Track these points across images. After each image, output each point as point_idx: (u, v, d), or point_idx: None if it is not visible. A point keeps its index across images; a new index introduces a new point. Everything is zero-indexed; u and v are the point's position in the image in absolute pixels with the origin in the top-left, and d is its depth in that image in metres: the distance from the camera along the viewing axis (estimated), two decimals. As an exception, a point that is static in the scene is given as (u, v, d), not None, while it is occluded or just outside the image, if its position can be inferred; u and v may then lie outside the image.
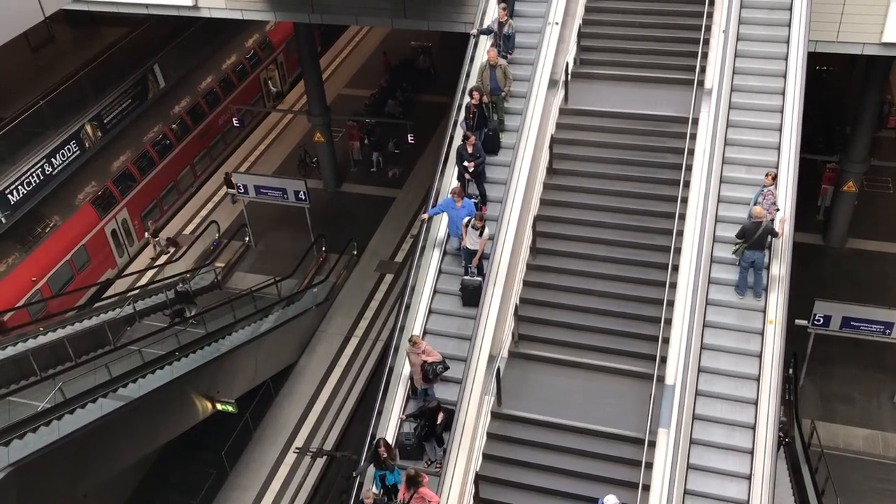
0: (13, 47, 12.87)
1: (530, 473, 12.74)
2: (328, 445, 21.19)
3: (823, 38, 17.85)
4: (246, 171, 29.82)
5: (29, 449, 15.60)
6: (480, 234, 13.81)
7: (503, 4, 16.22)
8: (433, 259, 14.88)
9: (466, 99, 15.12)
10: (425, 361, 12.91)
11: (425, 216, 14.93)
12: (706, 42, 16.12)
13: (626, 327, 13.88)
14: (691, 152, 14.73)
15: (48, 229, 24.48)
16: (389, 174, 29.86)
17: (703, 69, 15.79)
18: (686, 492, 12.01)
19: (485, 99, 15.12)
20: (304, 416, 22.07)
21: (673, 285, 13.42)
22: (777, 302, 13.26)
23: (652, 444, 12.05)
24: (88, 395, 17.33)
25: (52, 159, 24.41)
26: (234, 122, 30.08)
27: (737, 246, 13.44)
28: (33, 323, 22.15)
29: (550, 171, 15.55)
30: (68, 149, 25.01)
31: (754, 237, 13.10)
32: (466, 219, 13.98)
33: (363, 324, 24.61)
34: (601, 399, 13.13)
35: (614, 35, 17.20)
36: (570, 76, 16.23)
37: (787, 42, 15.88)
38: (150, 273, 26.67)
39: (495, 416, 13.22)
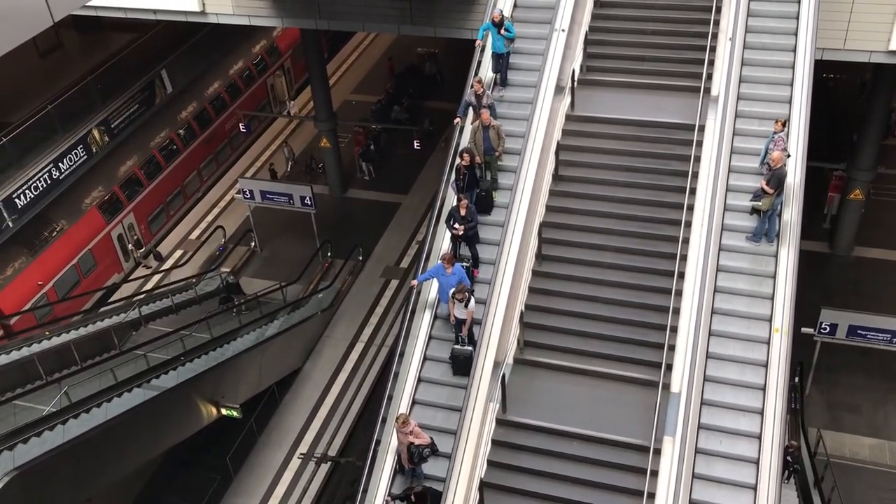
0: (21, 52, 12.92)
1: (535, 481, 12.68)
2: (332, 451, 21.18)
3: (830, 45, 17.84)
4: (252, 177, 29.90)
5: (34, 453, 15.63)
6: (466, 306, 13.23)
7: (478, 77, 15.71)
8: (423, 323, 14.18)
9: (457, 160, 14.64)
10: (412, 443, 12.25)
11: (414, 283, 14.30)
12: (713, 49, 16.10)
13: (632, 334, 13.82)
14: (698, 159, 14.71)
15: (55, 233, 24.56)
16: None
17: (709, 76, 15.77)
18: (691, 501, 11.96)
19: (477, 159, 14.68)
20: (308, 421, 22.07)
21: (679, 292, 13.38)
22: (783, 310, 13.20)
23: (657, 452, 12.01)
24: (94, 399, 17.36)
25: (60, 164, 24.51)
26: (241, 127, 30.19)
27: (767, 197, 13.43)
28: (39, 327, 22.21)
29: (556, 177, 15.54)
30: (75, 153, 25.11)
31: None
32: (453, 290, 13.30)
33: (368, 329, 24.62)
34: (607, 406, 13.08)
35: (621, 42, 17.19)
36: (576, 83, 16.23)
37: (794, 50, 15.83)
38: (156, 277, 26.79)
39: (500, 422, 13.18)
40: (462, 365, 13.47)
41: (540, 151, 15.00)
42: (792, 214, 13.87)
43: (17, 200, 23.17)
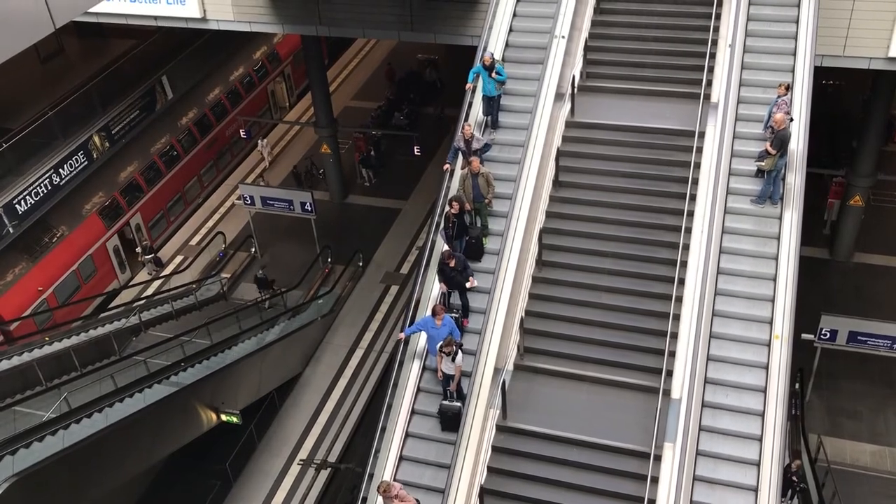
0: (23, 59, 12.95)
1: (535, 487, 12.67)
2: (332, 457, 21.15)
3: (830, 52, 17.87)
4: (253, 183, 29.91)
5: (33, 459, 15.61)
6: (453, 359, 12.82)
7: (467, 123, 15.27)
8: (411, 374, 13.70)
9: (446, 208, 14.23)
10: None
11: (402, 336, 13.77)
12: (712, 56, 16.13)
13: (632, 341, 13.82)
14: (698, 166, 14.73)
15: (55, 239, 24.56)
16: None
17: (709, 83, 15.79)
18: (692, 507, 11.96)
19: (467, 206, 14.29)
20: (308, 427, 22.05)
21: (679, 299, 13.38)
22: (783, 316, 13.21)
23: (658, 458, 12.00)
24: (93, 405, 17.34)
25: (60, 170, 24.54)
26: (242, 133, 30.22)
27: (770, 158, 13.83)
28: (39, 333, 22.21)
29: (557, 183, 15.55)
30: (76, 159, 25.14)
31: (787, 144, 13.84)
32: (441, 343, 12.82)
33: (368, 335, 24.60)
34: (607, 412, 13.07)
35: (620, 49, 17.20)
36: (576, 89, 16.25)
37: (794, 56, 15.85)
38: (156, 283, 26.77)
39: (500, 429, 13.17)
40: (450, 421, 13.00)
41: (540, 158, 15.02)
42: (795, 179, 14.24)
43: (17, 206, 23.20)
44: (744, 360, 13.11)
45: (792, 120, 14.29)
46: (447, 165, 15.45)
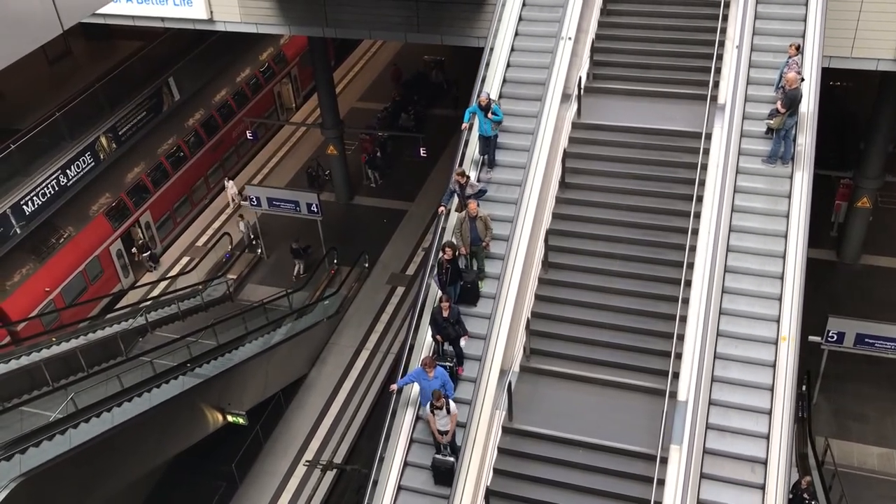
0: (30, 60, 12.99)
1: (541, 489, 12.64)
2: (338, 458, 21.16)
3: (837, 53, 17.82)
4: (259, 184, 29.97)
5: (40, 459, 15.64)
6: (448, 412, 12.43)
7: (461, 169, 14.92)
8: (405, 423, 13.39)
9: (440, 254, 13.93)
10: None
11: (394, 387, 13.49)
12: (719, 57, 16.10)
13: (638, 342, 13.79)
14: (704, 167, 14.71)
15: (62, 240, 24.63)
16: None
17: (716, 84, 15.76)
18: (698, 509, 11.93)
19: (463, 251, 14.05)
20: (314, 428, 22.06)
21: (686, 301, 13.35)
22: (790, 317, 13.16)
23: (664, 461, 11.97)
24: (100, 405, 17.37)
25: (67, 171, 24.60)
26: (248, 134, 30.27)
27: (779, 116, 14.13)
28: (46, 333, 22.26)
29: (563, 185, 15.53)
30: (83, 160, 25.20)
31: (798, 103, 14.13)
32: (430, 401, 12.47)
33: (374, 336, 24.61)
34: (613, 414, 13.05)
35: (627, 50, 17.20)
36: (582, 91, 16.23)
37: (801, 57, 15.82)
38: (163, 284, 26.83)
39: (506, 430, 13.16)
40: (444, 476, 12.66)
41: (546, 159, 15.00)
42: (806, 139, 14.48)
43: (24, 207, 23.27)
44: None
45: (803, 80, 14.43)
46: (442, 207, 15.15)
